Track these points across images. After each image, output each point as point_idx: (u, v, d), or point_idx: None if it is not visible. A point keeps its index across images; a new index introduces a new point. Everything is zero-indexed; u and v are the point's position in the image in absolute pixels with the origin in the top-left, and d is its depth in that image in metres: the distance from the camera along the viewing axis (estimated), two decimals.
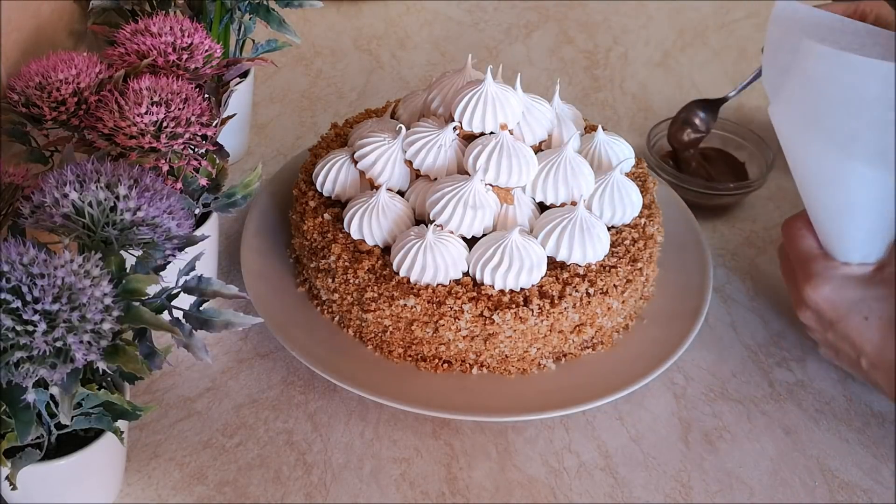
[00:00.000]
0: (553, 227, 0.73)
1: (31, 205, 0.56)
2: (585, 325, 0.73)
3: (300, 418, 0.73)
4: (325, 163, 0.79)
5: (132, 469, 0.69)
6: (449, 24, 1.19)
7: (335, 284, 0.74)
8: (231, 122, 0.73)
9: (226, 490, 0.68)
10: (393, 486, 0.69)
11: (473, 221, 0.73)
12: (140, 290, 0.55)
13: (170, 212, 0.57)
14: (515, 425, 0.73)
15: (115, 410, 0.60)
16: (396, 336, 0.73)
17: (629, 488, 0.70)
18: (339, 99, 1.06)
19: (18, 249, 0.50)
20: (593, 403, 0.72)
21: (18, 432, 0.54)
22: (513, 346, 0.72)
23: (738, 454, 0.72)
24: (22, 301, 0.49)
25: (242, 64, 0.76)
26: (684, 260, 0.84)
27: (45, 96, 0.66)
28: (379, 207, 0.74)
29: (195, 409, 0.73)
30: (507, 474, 0.70)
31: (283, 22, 0.87)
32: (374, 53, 1.13)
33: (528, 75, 1.09)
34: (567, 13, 1.22)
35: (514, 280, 0.71)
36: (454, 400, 0.72)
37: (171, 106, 0.64)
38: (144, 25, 0.71)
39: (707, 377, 0.78)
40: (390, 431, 0.73)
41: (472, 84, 0.78)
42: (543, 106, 0.80)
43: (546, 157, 0.77)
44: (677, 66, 1.13)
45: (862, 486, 0.70)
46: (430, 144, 0.76)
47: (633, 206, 0.78)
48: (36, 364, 0.50)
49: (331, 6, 1.19)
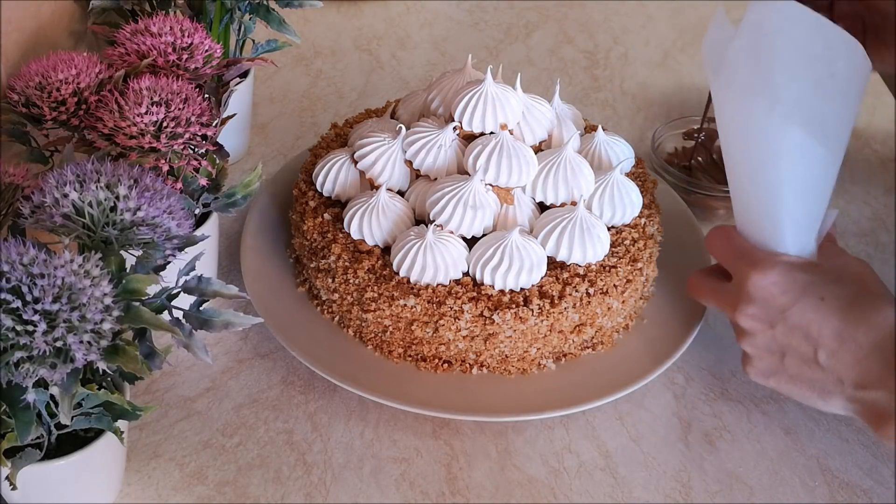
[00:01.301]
0: (553, 227, 0.73)
1: (31, 205, 0.56)
2: (585, 325, 0.73)
3: (300, 418, 0.73)
4: (325, 163, 0.79)
5: (132, 469, 0.69)
6: (449, 24, 1.19)
7: (335, 284, 0.74)
8: (231, 122, 0.73)
9: (226, 490, 0.68)
10: (393, 486, 0.69)
11: (473, 221, 0.73)
12: (140, 290, 0.55)
13: (170, 212, 0.57)
14: (515, 425, 0.73)
15: (115, 410, 0.60)
16: (396, 336, 0.73)
17: (629, 488, 0.70)
18: (339, 99, 1.06)
19: (18, 249, 0.50)
20: (593, 403, 0.72)
21: (18, 432, 0.54)
22: (513, 346, 0.72)
23: (738, 454, 0.72)
24: (22, 301, 0.49)
25: (242, 64, 0.76)
26: (684, 260, 0.84)
27: (45, 96, 0.66)
28: (379, 207, 0.74)
29: (195, 409, 0.73)
30: (507, 474, 0.70)
31: (283, 22, 0.87)
32: (374, 53, 1.13)
33: (528, 75, 1.09)
34: (567, 13, 1.22)
35: (514, 280, 0.71)
36: (454, 400, 0.72)
37: (171, 106, 0.64)
38: (144, 25, 0.71)
39: (707, 377, 0.78)
40: (390, 431, 0.73)
41: (472, 84, 0.78)
42: (543, 106, 0.80)
43: (546, 157, 0.77)
44: (677, 66, 1.13)
45: (862, 486, 0.70)
46: (430, 144, 0.76)
47: (633, 206, 0.78)
48: (36, 364, 0.50)
49: (331, 6, 1.19)
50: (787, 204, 0.66)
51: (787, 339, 0.66)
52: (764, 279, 0.66)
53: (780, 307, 0.65)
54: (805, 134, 0.63)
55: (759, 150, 0.65)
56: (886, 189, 0.97)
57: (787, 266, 0.66)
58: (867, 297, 0.64)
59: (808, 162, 0.65)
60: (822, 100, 0.63)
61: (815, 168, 0.65)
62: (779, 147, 0.64)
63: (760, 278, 0.66)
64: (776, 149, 0.64)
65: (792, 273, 0.66)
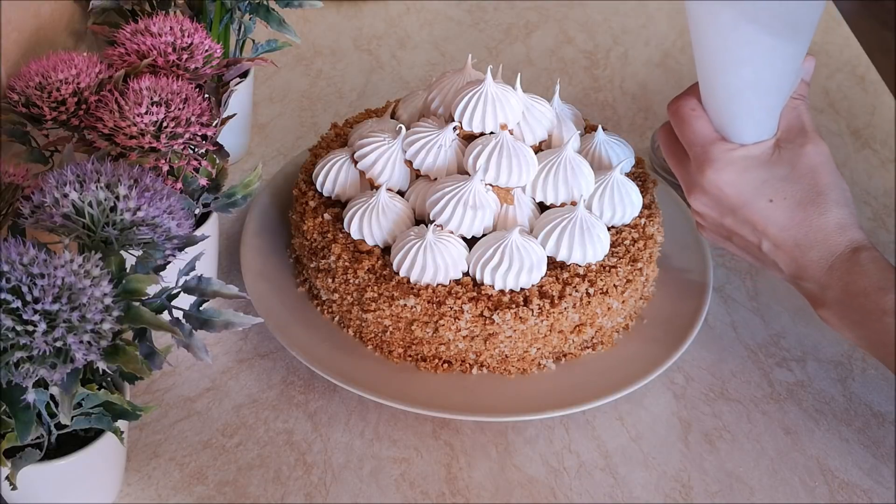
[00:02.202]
0: (553, 227, 0.73)
1: (31, 205, 0.56)
2: (585, 325, 0.73)
3: (300, 418, 0.73)
4: (325, 163, 0.79)
5: (132, 469, 0.69)
6: (449, 24, 1.19)
7: (335, 284, 0.74)
8: (231, 122, 0.73)
9: (226, 490, 0.68)
10: (393, 486, 0.69)
11: (473, 221, 0.73)
12: (140, 290, 0.55)
13: (170, 212, 0.57)
14: (515, 425, 0.73)
15: (115, 410, 0.60)
16: (396, 336, 0.73)
17: (629, 488, 0.70)
18: (339, 99, 1.06)
19: (18, 249, 0.50)
20: (593, 403, 0.72)
21: (18, 432, 0.54)
22: (513, 346, 0.72)
23: (738, 454, 0.72)
24: (22, 301, 0.49)
25: (242, 64, 0.76)
26: (684, 260, 0.84)
27: (45, 96, 0.66)
28: (379, 207, 0.74)
29: (195, 409, 0.73)
30: (507, 474, 0.70)
31: (283, 22, 0.87)
32: (374, 53, 1.13)
33: (528, 75, 1.09)
34: (567, 13, 1.22)
35: (514, 280, 0.71)
36: (454, 400, 0.72)
37: (171, 106, 0.64)
38: (144, 25, 0.71)
39: (707, 377, 0.78)
40: (390, 431, 0.73)
41: (472, 84, 0.78)
42: (543, 106, 0.80)
43: (546, 157, 0.77)
44: (677, 66, 1.13)
45: (862, 486, 0.70)
46: (430, 144, 0.76)
47: (633, 206, 0.78)
48: (36, 364, 0.50)
49: (331, 6, 1.19)
50: (748, 103, 0.67)
51: (735, 228, 0.71)
52: (718, 179, 0.69)
53: (730, 206, 0.70)
54: (772, 37, 0.63)
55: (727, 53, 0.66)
56: (886, 189, 0.97)
57: (741, 164, 0.69)
58: (814, 198, 0.68)
59: (773, 63, 0.65)
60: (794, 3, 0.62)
61: (781, 66, 0.66)
62: (741, 54, 0.64)
63: (715, 178, 0.70)
64: (740, 56, 0.65)
65: (745, 173, 0.69)
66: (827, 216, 0.68)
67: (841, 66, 1.14)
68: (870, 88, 1.11)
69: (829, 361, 0.79)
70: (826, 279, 0.68)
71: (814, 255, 0.68)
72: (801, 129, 0.70)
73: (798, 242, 0.68)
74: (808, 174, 0.69)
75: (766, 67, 0.65)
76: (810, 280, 0.69)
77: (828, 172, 0.69)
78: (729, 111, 0.69)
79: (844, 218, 0.68)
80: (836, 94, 1.09)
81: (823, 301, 0.69)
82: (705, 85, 0.70)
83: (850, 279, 0.66)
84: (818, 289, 0.69)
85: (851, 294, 0.66)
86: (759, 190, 0.69)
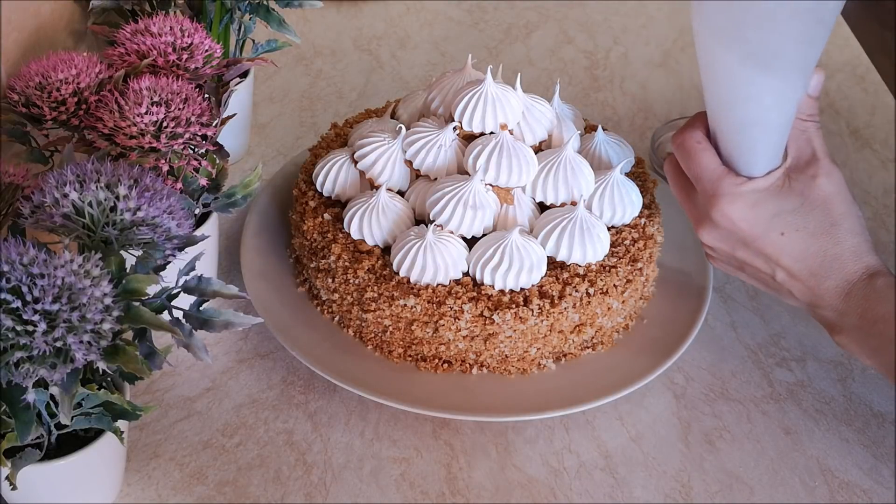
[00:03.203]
0: (553, 227, 0.73)
1: (31, 205, 0.56)
2: (585, 325, 0.73)
3: (300, 418, 0.73)
4: (325, 163, 0.79)
5: (132, 469, 0.69)
6: (449, 24, 1.19)
7: (335, 284, 0.74)
8: (231, 122, 0.73)
9: (226, 490, 0.68)
10: (393, 486, 0.69)
11: (473, 221, 0.73)
12: (140, 290, 0.55)
13: (170, 212, 0.57)
14: (515, 425, 0.73)
15: (115, 410, 0.60)
16: (396, 336, 0.73)
17: (629, 488, 0.70)
18: (339, 99, 1.06)
19: (18, 249, 0.50)
20: (593, 403, 0.72)
21: (18, 432, 0.54)
22: (513, 346, 0.72)
23: (738, 454, 0.72)
24: (22, 301, 0.49)
25: (242, 64, 0.76)
26: (684, 260, 0.84)
27: (45, 96, 0.66)
28: (379, 207, 0.74)
29: (195, 409, 0.73)
30: (507, 474, 0.70)
31: (283, 22, 0.87)
32: (374, 53, 1.13)
33: (528, 75, 1.09)
34: (567, 13, 1.22)
35: (514, 280, 0.71)
36: (454, 400, 0.72)
37: (171, 106, 0.64)
38: (144, 25, 0.71)
39: (707, 377, 0.78)
40: (390, 431, 0.73)
41: (472, 84, 0.78)
42: (543, 106, 0.80)
43: (546, 157, 0.77)
44: (677, 66, 1.13)
45: (862, 486, 0.70)
46: (430, 144, 0.76)
47: (633, 206, 0.78)
48: (36, 364, 0.50)
49: (331, 6, 1.19)
50: (759, 136, 0.67)
51: (748, 259, 0.70)
52: (729, 212, 0.68)
53: (742, 239, 0.69)
54: (778, 80, 0.63)
55: (735, 92, 0.65)
56: (886, 189, 0.97)
57: (751, 198, 0.68)
58: (828, 228, 0.67)
59: (786, 102, 0.65)
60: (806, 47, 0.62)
61: (787, 105, 0.65)
62: (754, 92, 0.64)
63: (728, 212, 0.68)
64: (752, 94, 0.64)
65: (757, 207, 0.68)
66: (842, 245, 0.67)
67: (841, 66, 1.14)
68: (870, 88, 1.11)
69: (829, 361, 0.79)
70: (843, 306, 0.67)
71: (830, 283, 0.67)
72: (812, 157, 0.69)
73: (813, 272, 0.68)
74: (820, 205, 0.68)
75: (773, 106, 0.65)
76: (827, 308, 0.68)
77: (841, 202, 0.68)
78: (737, 144, 0.68)
79: (859, 245, 0.67)
80: (836, 94, 1.09)
81: (841, 328, 0.68)
82: (713, 118, 0.69)
83: (868, 305, 0.66)
84: (835, 316, 0.68)
85: (869, 321, 0.66)
86: (770, 223, 0.68)
